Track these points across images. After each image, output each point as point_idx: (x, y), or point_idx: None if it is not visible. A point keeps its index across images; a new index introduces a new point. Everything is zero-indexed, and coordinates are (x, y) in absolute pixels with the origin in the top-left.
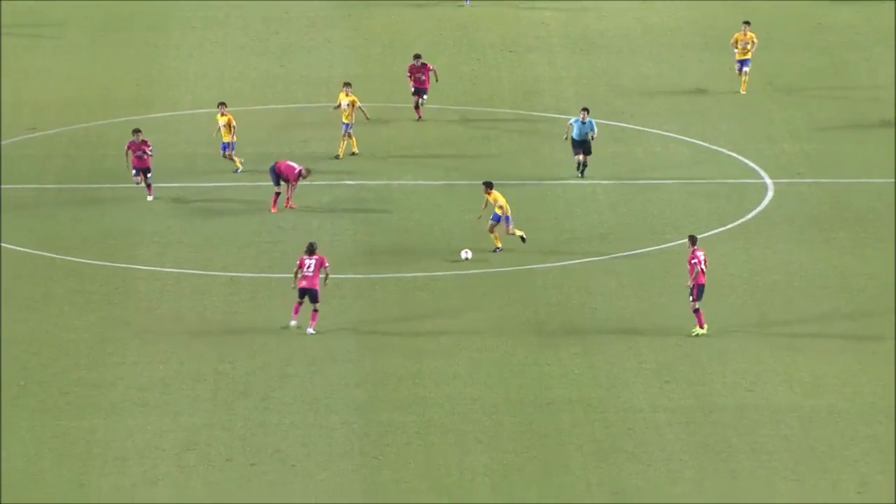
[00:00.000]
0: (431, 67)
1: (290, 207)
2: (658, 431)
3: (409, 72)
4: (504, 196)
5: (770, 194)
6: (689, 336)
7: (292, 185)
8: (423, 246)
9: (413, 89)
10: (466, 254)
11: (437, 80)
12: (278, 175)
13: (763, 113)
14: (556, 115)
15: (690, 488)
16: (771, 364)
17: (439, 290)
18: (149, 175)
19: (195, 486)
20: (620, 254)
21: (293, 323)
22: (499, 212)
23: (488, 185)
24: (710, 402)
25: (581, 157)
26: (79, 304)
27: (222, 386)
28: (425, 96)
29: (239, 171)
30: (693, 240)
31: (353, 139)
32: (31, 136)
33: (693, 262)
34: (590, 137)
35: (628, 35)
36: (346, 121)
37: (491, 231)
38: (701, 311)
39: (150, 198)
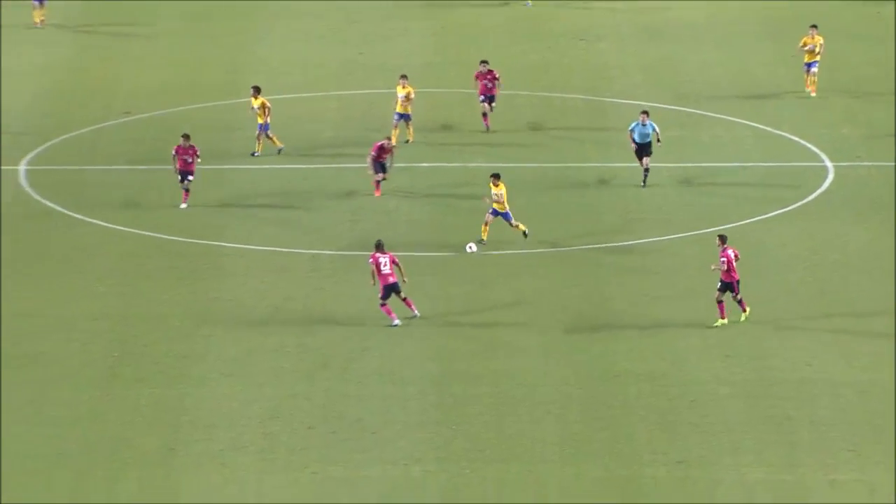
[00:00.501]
0: (497, 76)
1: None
2: (720, 404)
3: (477, 78)
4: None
5: (830, 177)
6: (739, 321)
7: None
8: (495, 224)
9: (481, 97)
10: (472, 247)
11: (501, 87)
12: (378, 161)
13: (823, 99)
14: (624, 101)
15: (751, 458)
16: (830, 340)
17: (509, 268)
18: (189, 178)
19: (279, 453)
20: (683, 234)
21: (397, 322)
22: (498, 207)
23: (496, 177)
24: (770, 376)
25: (644, 160)
26: (169, 279)
27: (304, 358)
28: (493, 103)
29: (282, 150)
30: (723, 239)
31: (410, 128)
32: (126, 119)
33: (722, 259)
34: (654, 140)
35: (693, 24)
36: (399, 111)
37: (486, 224)
38: (724, 303)
39: (183, 206)
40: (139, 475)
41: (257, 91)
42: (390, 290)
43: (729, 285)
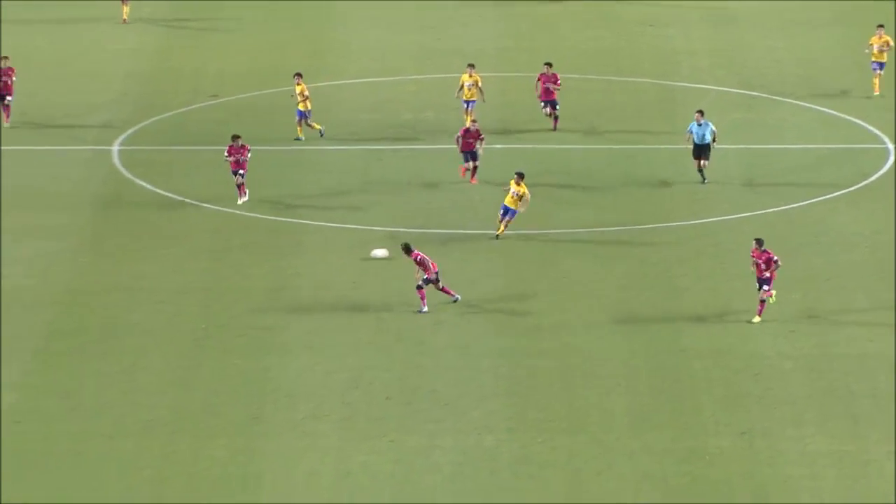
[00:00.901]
0: (559, 80)
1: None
2: (783, 377)
3: (539, 79)
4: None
5: (892, 159)
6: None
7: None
8: (565, 204)
9: (542, 102)
10: (379, 252)
11: (559, 88)
12: (466, 151)
13: (887, 82)
14: (692, 85)
15: (813, 430)
16: (890, 318)
17: (579, 246)
18: (241, 173)
19: (358, 422)
20: (748, 214)
21: (426, 309)
22: (512, 205)
23: (520, 176)
24: (832, 351)
25: (702, 161)
26: (254, 255)
27: (381, 331)
28: (557, 107)
29: (323, 132)
30: (759, 242)
31: (471, 115)
32: (213, 102)
33: (753, 259)
34: (710, 140)
35: (759, 11)
36: (467, 98)
37: (502, 220)
38: (762, 301)
39: (240, 200)
40: (225, 442)
41: (300, 77)
42: (429, 281)
43: (760, 282)
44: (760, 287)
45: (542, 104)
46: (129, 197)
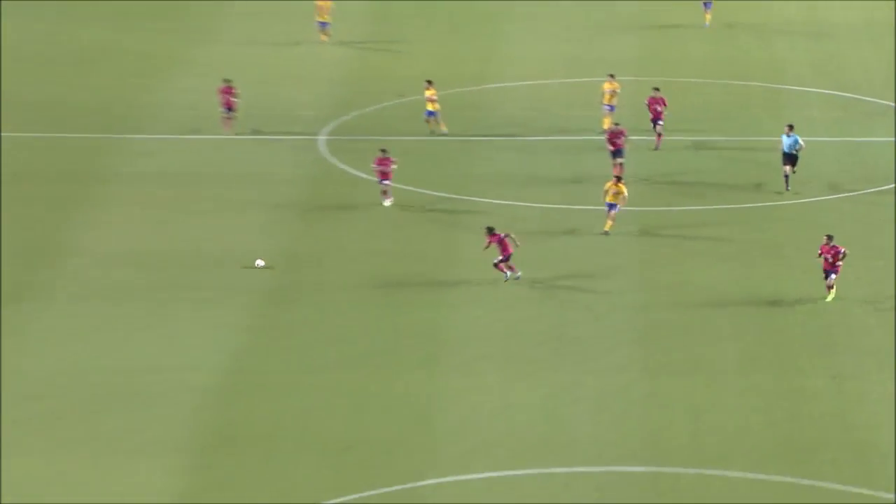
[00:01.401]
0: (666, 102)
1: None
2: (869, 329)
3: (649, 103)
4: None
5: None
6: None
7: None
8: (693, 183)
9: (652, 123)
10: (259, 263)
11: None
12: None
13: None
14: (795, 88)
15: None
16: None
17: (699, 220)
18: (386, 182)
19: (516, 364)
20: (844, 194)
21: (507, 278)
22: (614, 200)
23: (619, 179)
24: None
25: (789, 168)
26: (431, 226)
27: (536, 287)
28: (661, 122)
29: (447, 132)
30: (829, 238)
31: (610, 118)
32: (399, 101)
33: (819, 253)
34: (796, 151)
35: (853, 25)
36: (607, 103)
37: (609, 216)
38: (830, 287)
39: (386, 202)
40: (406, 380)
41: (430, 84)
42: (503, 260)
43: (827, 272)
44: (827, 276)
45: (653, 124)
46: (332, 177)
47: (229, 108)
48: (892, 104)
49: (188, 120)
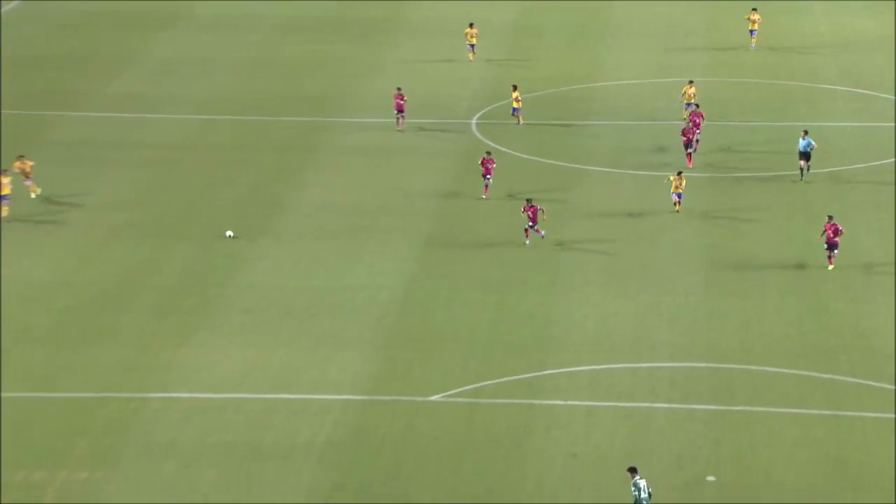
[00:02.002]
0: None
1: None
2: (880, 269)
3: (691, 117)
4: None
5: None
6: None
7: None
8: (782, 166)
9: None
10: (229, 233)
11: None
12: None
13: None
14: (827, 87)
15: None
16: None
17: (748, 188)
18: (488, 178)
19: (613, 288)
20: (858, 165)
21: (528, 243)
22: (677, 190)
23: (679, 174)
24: None
25: (804, 162)
26: (549, 187)
27: (628, 231)
28: (696, 145)
29: (520, 123)
30: (830, 217)
31: (686, 112)
32: (530, 95)
33: (825, 230)
34: (810, 150)
35: (870, 39)
36: (687, 101)
37: (676, 204)
38: (829, 257)
39: (483, 196)
40: (531, 299)
41: (515, 88)
42: (531, 226)
43: (830, 246)
44: (830, 249)
45: (693, 135)
46: (479, 150)
47: (400, 110)
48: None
49: (379, 109)
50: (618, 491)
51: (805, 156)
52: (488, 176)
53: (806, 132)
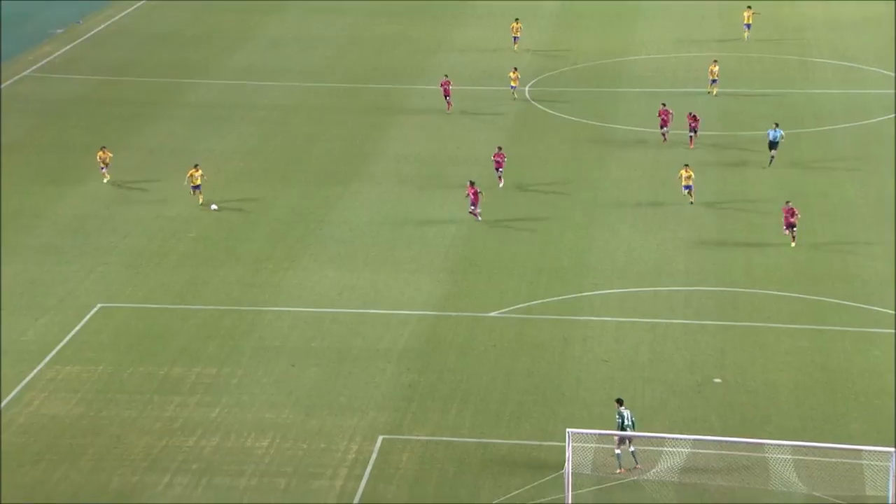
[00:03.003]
0: (699, 118)
1: None
2: (863, 218)
3: (660, 114)
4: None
5: None
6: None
7: None
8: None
9: (663, 128)
10: (213, 206)
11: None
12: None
13: None
14: (818, 60)
15: None
16: None
17: (750, 139)
18: (500, 171)
19: (639, 224)
20: (846, 124)
21: (479, 219)
22: (688, 182)
23: (687, 166)
24: None
25: (774, 152)
26: (589, 143)
27: (652, 180)
28: (666, 129)
29: (516, 97)
30: (787, 202)
31: (714, 88)
32: (574, 67)
33: (785, 214)
34: (779, 139)
35: (856, 20)
36: (712, 77)
37: (689, 193)
38: (793, 237)
39: (500, 185)
40: (571, 233)
41: (516, 69)
42: (473, 205)
43: (789, 226)
44: (790, 228)
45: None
46: (534, 115)
47: (447, 95)
48: (881, 70)
49: (453, 78)
50: (641, 390)
51: (774, 146)
52: (500, 169)
53: (777, 124)
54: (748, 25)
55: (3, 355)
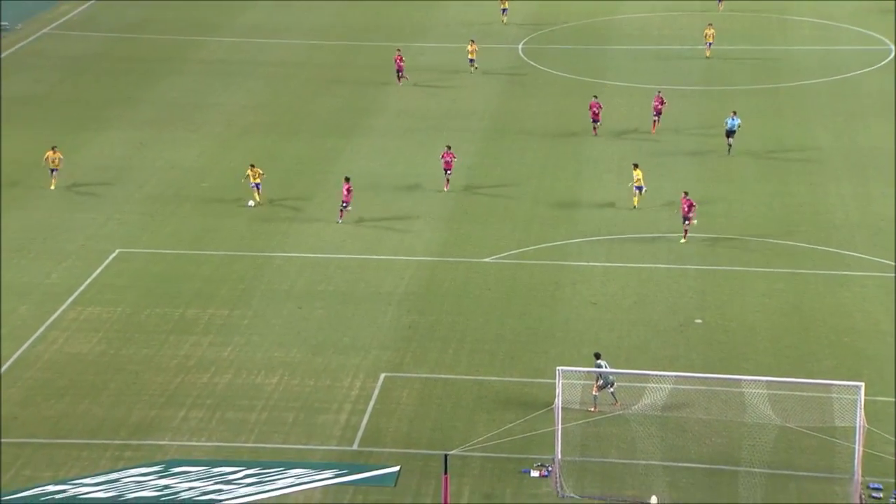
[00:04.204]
0: (664, 99)
1: None
2: (837, 171)
3: (590, 107)
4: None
5: None
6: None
7: None
8: (763, 78)
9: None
10: (250, 203)
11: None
12: None
13: None
14: (797, 18)
15: None
16: None
17: (738, 101)
18: (449, 171)
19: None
20: (832, 77)
21: (340, 221)
22: (640, 183)
23: (636, 166)
24: None
25: (731, 139)
26: (580, 95)
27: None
28: (660, 116)
29: (474, 71)
30: (686, 193)
31: (709, 52)
32: (563, 26)
33: (682, 205)
34: (736, 128)
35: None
36: (707, 41)
37: (636, 196)
38: (685, 231)
39: (445, 189)
40: (561, 187)
41: (473, 42)
42: (345, 204)
43: (685, 219)
44: (684, 221)
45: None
46: (523, 68)
47: (399, 70)
48: (856, 28)
49: (446, 36)
50: (627, 330)
51: (731, 134)
52: (448, 171)
53: (735, 112)
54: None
55: (28, 297)
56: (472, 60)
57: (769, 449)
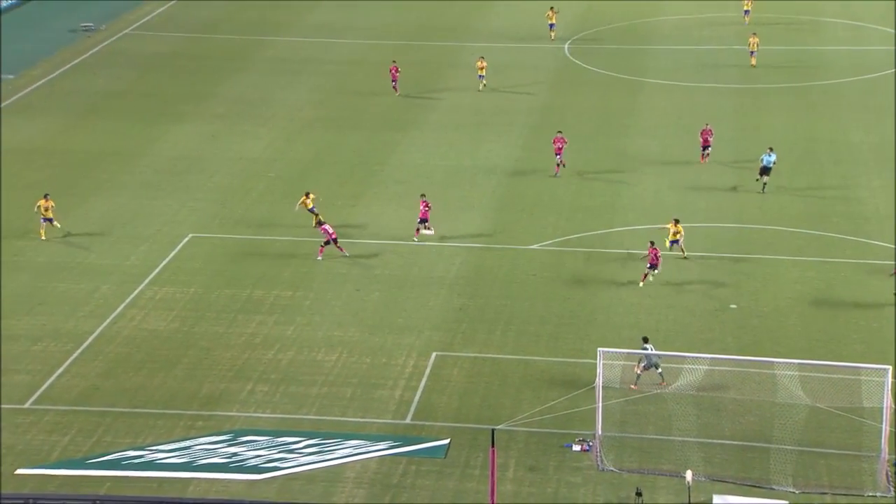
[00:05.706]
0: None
1: None
2: (859, 155)
3: (701, 134)
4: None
5: None
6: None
7: None
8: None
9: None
10: (429, 232)
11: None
12: None
13: None
14: (831, 20)
15: None
16: None
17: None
18: (560, 158)
19: (667, 170)
20: (859, 77)
21: (320, 258)
22: (676, 238)
23: (676, 221)
24: None
25: (766, 177)
26: (619, 90)
27: (668, 118)
28: (709, 150)
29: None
30: (651, 243)
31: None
32: (607, 27)
33: (649, 254)
34: (772, 165)
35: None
36: (751, 49)
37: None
38: (645, 276)
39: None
40: (600, 180)
41: (482, 58)
42: (327, 242)
43: (652, 266)
44: (651, 268)
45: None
46: (571, 70)
47: (394, 80)
48: (886, 29)
49: (496, 36)
50: (665, 314)
51: (767, 171)
52: (560, 158)
53: (771, 148)
54: (747, 11)
55: (109, 277)
56: (481, 76)
57: (799, 428)
